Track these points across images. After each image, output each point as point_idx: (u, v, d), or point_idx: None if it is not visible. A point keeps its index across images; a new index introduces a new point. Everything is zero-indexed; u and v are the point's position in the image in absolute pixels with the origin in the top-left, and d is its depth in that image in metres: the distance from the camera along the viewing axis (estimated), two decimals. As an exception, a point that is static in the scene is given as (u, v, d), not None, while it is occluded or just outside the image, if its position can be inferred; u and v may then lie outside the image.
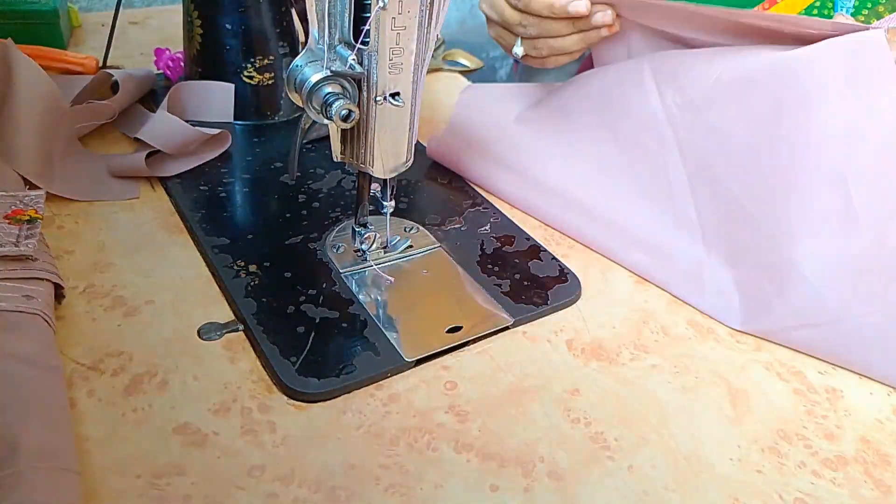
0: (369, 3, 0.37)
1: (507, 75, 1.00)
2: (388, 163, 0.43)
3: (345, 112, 0.38)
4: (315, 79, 0.38)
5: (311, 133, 0.62)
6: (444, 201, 0.57)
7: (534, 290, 0.48)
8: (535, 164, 0.57)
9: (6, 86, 0.52)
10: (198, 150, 0.57)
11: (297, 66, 0.39)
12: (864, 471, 0.39)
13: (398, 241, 0.49)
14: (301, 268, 0.48)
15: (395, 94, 0.40)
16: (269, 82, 0.64)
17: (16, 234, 0.42)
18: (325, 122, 0.39)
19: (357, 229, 0.48)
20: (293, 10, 0.66)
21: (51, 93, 0.54)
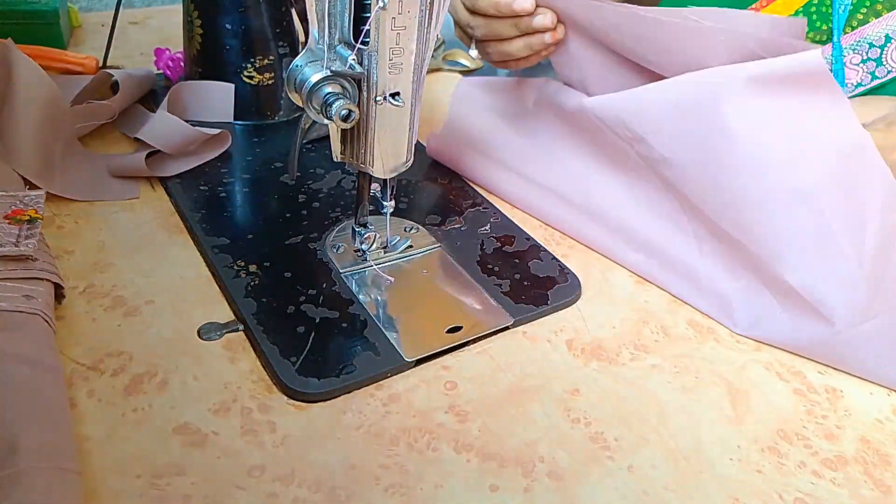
0: (369, 3, 0.37)
1: (507, 75, 1.00)
2: (388, 163, 0.43)
3: (345, 112, 0.38)
4: (315, 79, 0.38)
5: (311, 133, 0.62)
6: (444, 201, 0.57)
7: (534, 290, 0.48)
8: (531, 163, 0.57)
9: (6, 86, 0.52)
10: (198, 150, 0.58)
11: (297, 66, 0.39)
12: (864, 471, 0.39)
13: (398, 241, 0.49)
14: (301, 268, 0.48)
15: (395, 94, 0.40)
16: (269, 82, 0.64)
17: (16, 234, 0.42)
18: (325, 122, 0.39)
19: (357, 229, 0.48)
20: (293, 10, 0.66)
21: (51, 93, 0.54)
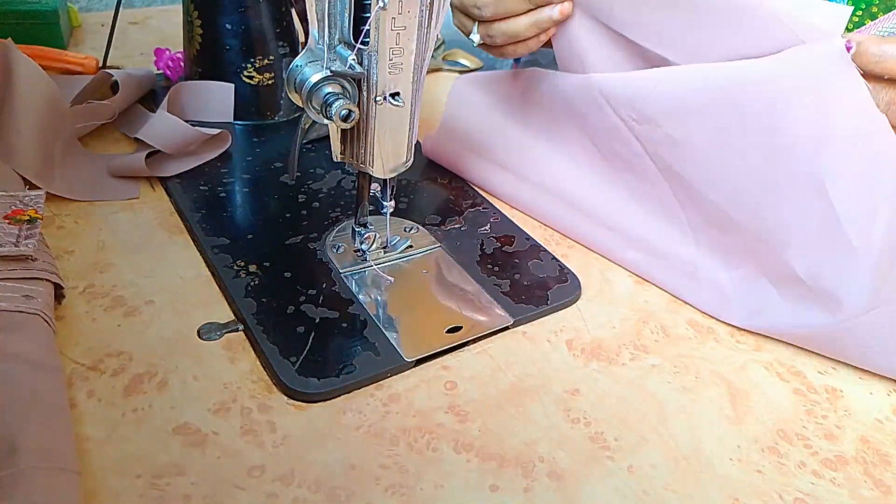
0: (369, 3, 0.36)
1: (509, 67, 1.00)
2: (388, 163, 0.43)
3: (345, 112, 0.38)
4: (315, 79, 0.38)
5: (311, 133, 0.62)
6: (444, 201, 0.57)
7: (534, 290, 0.48)
8: (525, 161, 0.57)
9: (6, 86, 0.52)
10: (198, 150, 0.57)
11: (297, 66, 0.39)
12: (864, 471, 0.39)
13: (398, 241, 0.49)
14: (301, 268, 0.48)
15: (395, 94, 0.40)
16: (269, 82, 0.64)
17: (16, 234, 0.42)
18: (325, 122, 0.39)
19: (357, 229, 0.48)
20: (293, 10, 0.66)
21: (51, 93, 0.54)
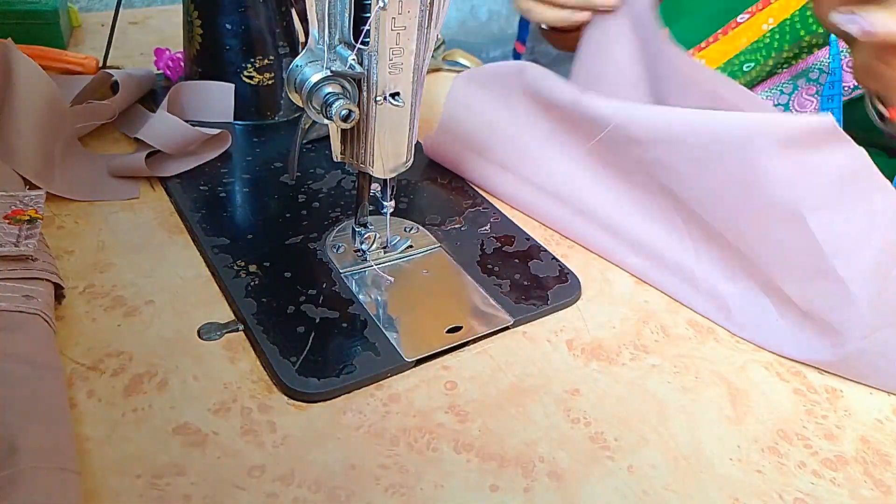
0: (369, 3, 0.37)
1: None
2: (388, 163, 0.43)
3: (345, 112, 0.38)
4: (315, 79, 0.38)
5: (311, 133, 0.62)
6: (444, 201, 0.57)
7: (534, 290, 0.48)
8: (525, 163, 0.57)
9: (6, 86, 0.52)
10: (198, 150, 0.57)
11: (297, 66, 0.39)
12: (864, 471, 0.39)
13: (398, 241, 0.49)
14: (301, 268, 0.48)
15: (395, 94, 0.40)
16: (269, 82, 0.64)
17: (16, 234, 0.42)
18: (325, 122, 0.39)
19: (357, 229, 0.48)
20: (293, 10, 0.66)
21: (51, 93, 0.54)
